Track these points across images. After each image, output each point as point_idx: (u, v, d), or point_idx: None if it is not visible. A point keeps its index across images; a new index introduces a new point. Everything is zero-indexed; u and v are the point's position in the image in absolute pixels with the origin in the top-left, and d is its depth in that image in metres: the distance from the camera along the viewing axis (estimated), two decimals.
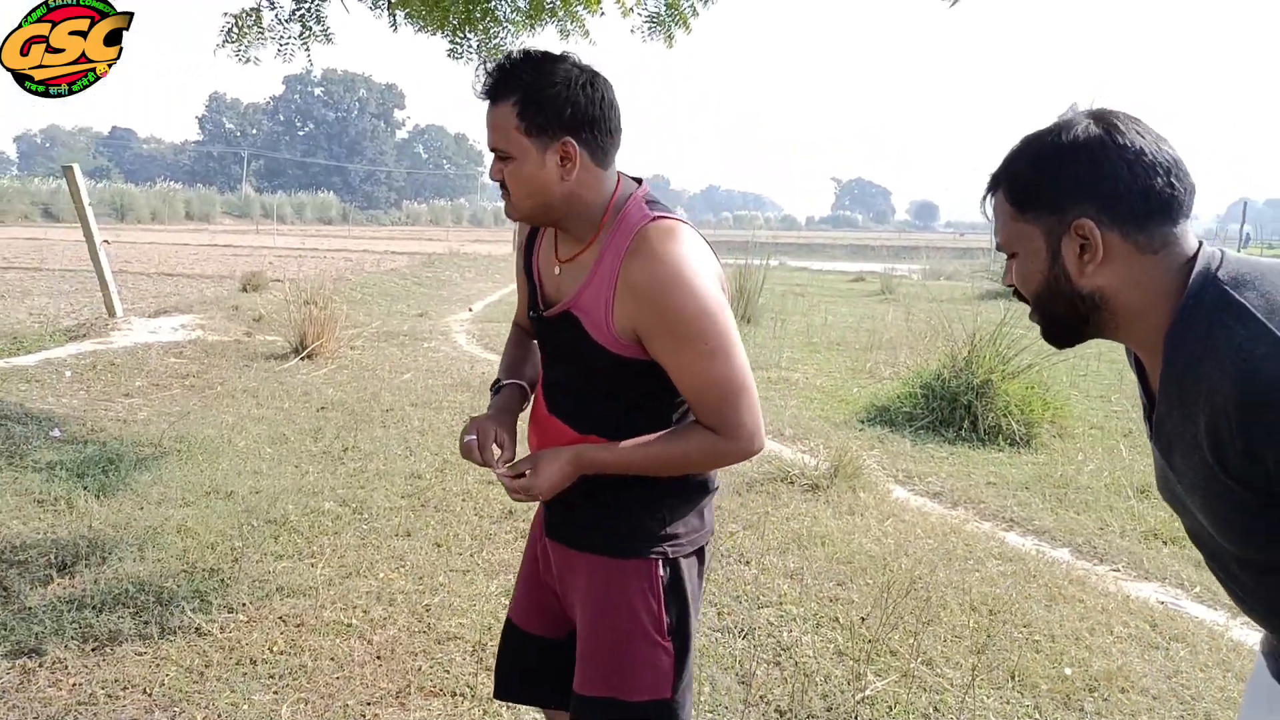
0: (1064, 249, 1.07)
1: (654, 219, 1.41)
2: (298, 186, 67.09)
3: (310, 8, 5.20)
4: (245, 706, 2.49)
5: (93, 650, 2.73)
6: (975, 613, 3.28)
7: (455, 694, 2.60)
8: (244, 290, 10.79)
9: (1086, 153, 1.05)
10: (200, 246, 25.01)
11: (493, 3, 5.43)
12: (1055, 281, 1.10)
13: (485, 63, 5.48)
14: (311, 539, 3.68)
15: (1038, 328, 1.19)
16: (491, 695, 2.21)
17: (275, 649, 2.80)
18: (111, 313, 8.49)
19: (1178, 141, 1.07)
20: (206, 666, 2.67)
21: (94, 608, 2.97)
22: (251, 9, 5.19)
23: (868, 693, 2.69)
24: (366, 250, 25.03)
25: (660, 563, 1.48)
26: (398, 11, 5.36)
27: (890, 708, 2.64)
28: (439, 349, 8.97)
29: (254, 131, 78.85)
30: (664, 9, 5.69)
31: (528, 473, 1.43)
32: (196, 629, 2.87)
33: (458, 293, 15.29)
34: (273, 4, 5.16)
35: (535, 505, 1.67)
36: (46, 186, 47.03)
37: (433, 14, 5.19)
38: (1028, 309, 1.18)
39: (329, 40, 5.24)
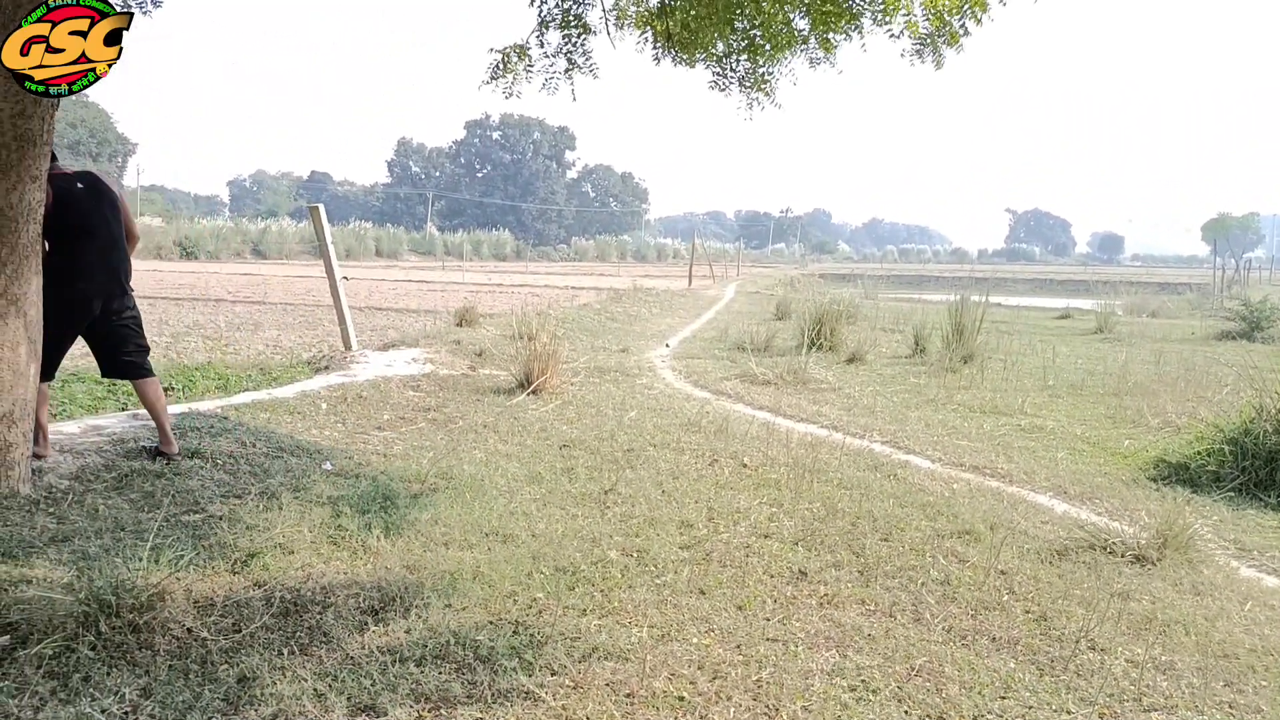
0: None
1: None
2: (475, 224, 70.52)
3: (577, 42, 5.17)
4: None
5: (430, 712, 2.58)
6: None
7: None
8: (459, 325, 11.09)
9: None
10: (396, 282, 26.47)
11: (755, 32, 5.23)
12: None
13: (750, 93, 5.27)
14: (607, 592, 3.47)
15: None
16: None
17: None
18: (347, 345, 8.84)
19: None
20: None
21: (416, 661, 2.85)
22: (519, 46, 5.22)
23: None
24: (547, 285, 25.71)
25: None
26: (659, 43, 5.24)
27: None
28: (653, 385, 8.82)
29: (437, 174, 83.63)
30: (934, 28, 5.32)
31: None
32: (527, 694, 2.68)
33: (649, 328, 15.26)
34: (541, 40, 5.17)
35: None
36: (255, 226, 51.69)
37: (698, 41, 5.04)
38: None
39: (594, 74, 5.18)
